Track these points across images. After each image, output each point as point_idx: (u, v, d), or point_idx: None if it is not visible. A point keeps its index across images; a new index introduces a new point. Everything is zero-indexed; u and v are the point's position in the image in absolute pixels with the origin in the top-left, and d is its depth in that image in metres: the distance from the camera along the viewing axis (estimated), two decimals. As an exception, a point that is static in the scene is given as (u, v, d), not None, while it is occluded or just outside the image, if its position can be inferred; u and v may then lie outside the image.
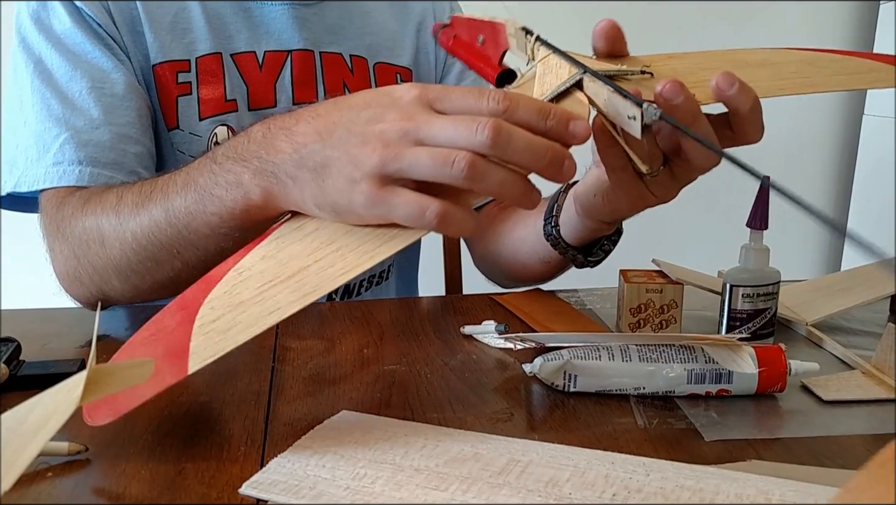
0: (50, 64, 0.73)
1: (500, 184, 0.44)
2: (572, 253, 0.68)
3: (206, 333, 0.45)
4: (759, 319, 0.63)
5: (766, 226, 0.63)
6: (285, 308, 0.45)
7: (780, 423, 0.51)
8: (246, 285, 0.47)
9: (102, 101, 0.72)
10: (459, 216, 0.45)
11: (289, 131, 0.50)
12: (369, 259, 0.46)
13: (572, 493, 0.40)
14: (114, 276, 0.64)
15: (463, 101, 0.46)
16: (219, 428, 0.49)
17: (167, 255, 0.60)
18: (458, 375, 0.58)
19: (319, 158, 0.48)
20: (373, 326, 0.70)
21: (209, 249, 0.58)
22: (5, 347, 0.57)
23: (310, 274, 0.46)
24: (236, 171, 0.53)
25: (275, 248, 0.49)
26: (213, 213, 0.55)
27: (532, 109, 0.45)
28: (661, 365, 0.54)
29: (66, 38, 0.74)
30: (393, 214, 0.46)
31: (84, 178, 0.69)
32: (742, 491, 0.40)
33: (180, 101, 0.78)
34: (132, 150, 0.73)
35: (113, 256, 0.63)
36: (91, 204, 0.65)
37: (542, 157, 0.44)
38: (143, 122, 0.75)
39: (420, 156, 0.44)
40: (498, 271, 0.86)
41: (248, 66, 0.81)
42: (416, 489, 0.40)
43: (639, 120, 0.44)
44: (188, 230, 0.58)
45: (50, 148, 0.70)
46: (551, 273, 0.76)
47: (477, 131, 0.43)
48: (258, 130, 0.53)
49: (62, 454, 0.45)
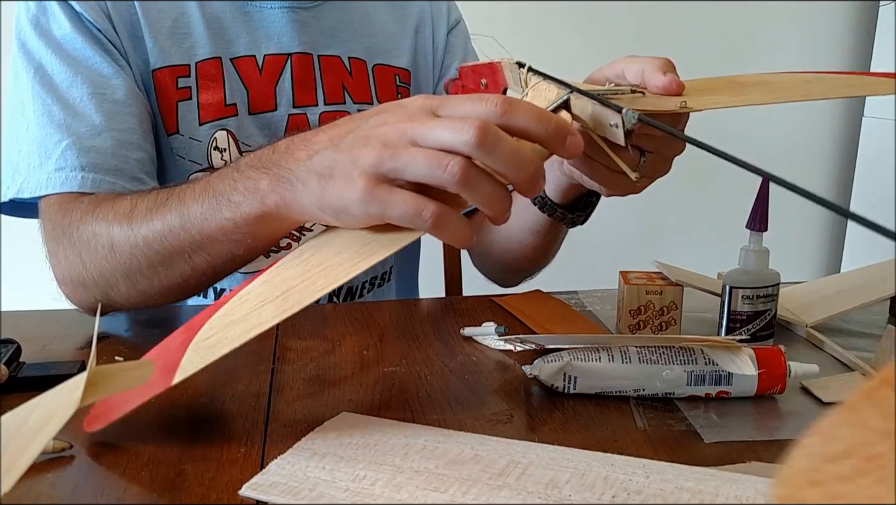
0: (50, 69, 0.73)
1: (489, 196, 0.45)
2: (560, 212, 0.69)
3: (196, 350, 0.47)
4: (758, 321, 0.63)
5: (765, 228, 0.63)
6: (265, 322, 0.46)
7: (779, 424, 0.51)
8: (242, 308, 0.49)
9: (104, 108, 0.72)
10: (456, 221, 0.46)
11: (308, 141, 0.52)
12: (346, 273, 0.47)
13: (572, 494, 0.40)
14: (121, 280, 0.64)
15: (462, 106, 0.46)
16: (219, 429, 0.50)
17: (178, 259, 0.60)
18: (457, 377, 0.58)
19: (327, 163, 0.49)
20: (373, 327, 0.70)
21: (220, 255, 0.59)
22: (5, 349, 0.57)
23: (295, 292, 0.48)
24: (256, 177, 0.54)
25: (274, 274, 0.51)
26: (228, 218, 0.56)
27: (531, 114, 0.45)
28: (661, 367, 0.54)
29: (66, 44, 0.74)
30: (389, 213, 0.46)
31: (87, 185, 0.69)
32: (742, 493, 0.40)
33: (180, 106, 0.78)
34: (134, 155, 0.73)
35: (122, 260, 0.63)
36: (102, 209, 0.65)
37: (524, 170, 0.45)
38: (144, 127, 0.75)
39: (416, 156, 0.44)
40: (494, 262, 0.87)
41: (247, 69, 0.81)
42: (415, 491, 0.40)
43: (621, 127, 0.46)
44: (201, 235, 0.58)
45: (52, 154, 0.70)
46: (544, 245, 0.77)
47: (464, 131, 0.43)
48: (283, 143, 0.54)
49: (46, 452, 0.45)
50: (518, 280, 0.89)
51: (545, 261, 0.83)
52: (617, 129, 0.47)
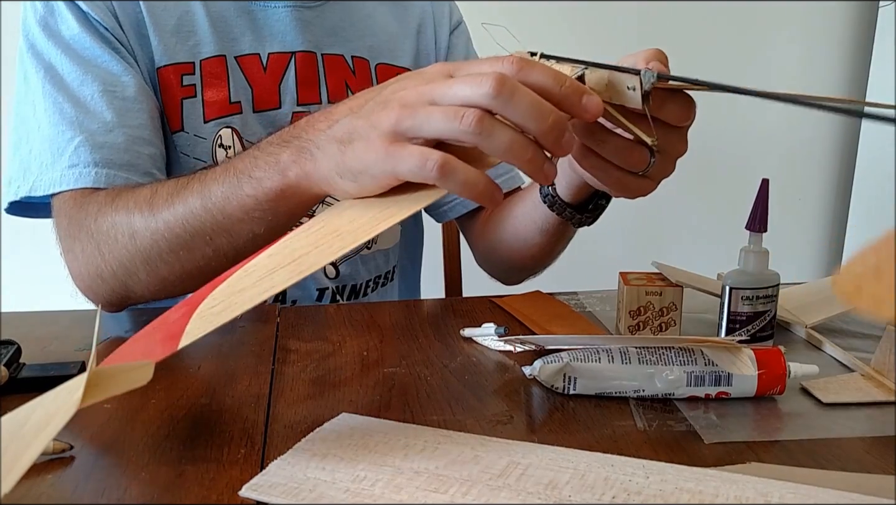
0: (61, 69, 0.73)
1: (509, 143, 0.44)
2: (569, 211, 0.69)
3: (201, 317, 0.46)
4: (758, 322, 0.63)
5: (765, 228, 0.63)
6: (279, 285, 0.45)
7: (779, 425, 0.52)
8: (249, 278, 0.48)
9: (115, 105, 0.73)
10: (464, 170, 0.45)
11: (328, 113, 0.54)
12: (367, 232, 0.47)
13: (572, 495, 0.40)
14: (141, 267, 0.64)
15: (479, 66, 0.47)
16: (219, 430, 0.50)
17: (200, 241, 0.61)
18: (457, 378, 0.58)
19: (347, 129, 0.50)
20: (373, 328, 0.70)
21: (242, 235, 0.59)
22: (5, 350, 0.57)
23: (309, 257, 0.47)
24: (276, 152, 0.55)
25: (282, 246, 0.50)
26: (249, 195, 0.57)
27: (547, 73, 0.45)
28: (661, 367, 0.54)
29: (75, 43, 0.74)
30: (399, 169, 0.46)
31: (101, 180, 0.69)
32: (741, 493, 0.40)
33: (185, 104, 0.79)
34: (146, 151, 0.73)
35: (143, 246, 0.63)
36: (122, 199, 0.66)
37: (544, 118, 0.44)
38: (155, 123, 0.76)
39: (432, 112, 0.45)
40: (500, 259, 0.87)
41: (252, 68, 0.82)
42: (415, 491, 0.40)
43: (639, 88, 0.46)
44: (223, 214, 0.59)
45: (64, 151, 0.70)
46: (550, 244, 0.77)
47: (482, 83, 0.44)
48: (303, 119, 0.56)
49: (46, 453, 0.45)
50: (521, 279, 0.89)
51: (549, 261, 0.84)
52: (634, 91, 0.47)
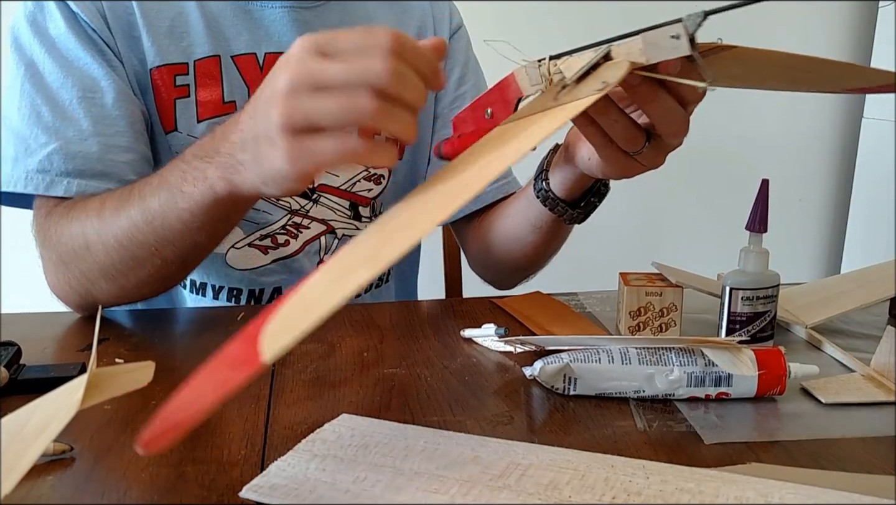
0: (42, 68, 0.74)
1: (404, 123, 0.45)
2: (562, 206, 0.70)
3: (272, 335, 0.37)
4: (758, 322, 0.63)
5: (765, 229, 0.63)
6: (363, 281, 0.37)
7: (779, 425, 0.52)
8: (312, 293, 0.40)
9: (92, 112, 0.73)
10: (380, 144, 0.46)
11: (236, 123, 0.54)
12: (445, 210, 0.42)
13: (572, 496, 0.40)
14: (101, 278, 0.67)
15: (350, 40, 0.46)
16: (219, 431, 0.50)
17: (147, 253, 0.64)
18: (458, 379, 0.58)
19: (251, 135, 0.51)
20: (373, 329, 0.70)
21: (185, 244, 0.63)
22: (5, 351, 0.57)
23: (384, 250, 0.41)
24: (202, 167, 0.58)
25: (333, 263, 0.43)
26: (185, 209, 0.60)
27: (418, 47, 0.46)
28: (661, 368, 0.54)
29: (60, 44, 0.74)
30: (320, 160, 0.46)
31: (72, 190, 0.71)
32: (741, 494, 0.40)
33: (178, 104, 0.79)
34: (122, 158, 0.74)
35: (98, 259, 0.66)
36: (75, 211, 0.68)
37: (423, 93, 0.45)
38: (136, 128, 0.76)
39: (325, 102, 0.45)
40: (494, 261, 0.87)
41: (248, 67, 0.81)
42: (416, 492, 0.40)
43: (684, 35, 0.44)
44: (163, 227, 0.62)
45: (35, 153, 0.71)
46: (545, 242, 0.77)
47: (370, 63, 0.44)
48: (220, 129, 0.57)
49: (47, 454, 0.45)
50: (515, 281, 0.89)
51: (543, 261, 0.83)
52: (679, 39, 0.44)
